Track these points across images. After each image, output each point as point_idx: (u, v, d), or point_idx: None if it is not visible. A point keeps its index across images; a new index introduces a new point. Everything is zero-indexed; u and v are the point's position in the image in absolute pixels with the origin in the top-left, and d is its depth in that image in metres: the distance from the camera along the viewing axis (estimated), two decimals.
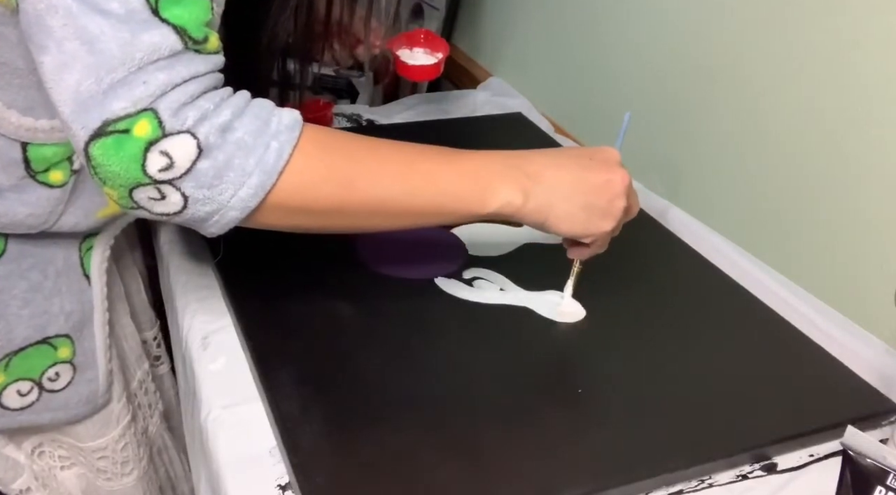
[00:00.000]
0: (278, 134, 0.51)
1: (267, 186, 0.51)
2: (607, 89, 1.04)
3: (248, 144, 0.50)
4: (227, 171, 0.50)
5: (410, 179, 0.57)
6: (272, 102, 0.54)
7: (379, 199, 0.56)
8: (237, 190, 0.50)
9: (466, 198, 0.58)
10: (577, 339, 0.68)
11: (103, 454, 0.77)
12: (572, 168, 0.61)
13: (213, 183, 0.50)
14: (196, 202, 0.50)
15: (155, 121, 0.47)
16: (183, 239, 0.80)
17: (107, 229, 0.71)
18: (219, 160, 0.49)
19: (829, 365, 0.68)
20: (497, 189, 0.59)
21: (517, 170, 0.60)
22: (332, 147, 0.56)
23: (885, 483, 0.52)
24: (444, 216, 0.59)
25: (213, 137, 0.49)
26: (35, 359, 0.68)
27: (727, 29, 0.84)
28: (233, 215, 0.52)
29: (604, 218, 0.61)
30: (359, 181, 0.55)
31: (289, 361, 0.63)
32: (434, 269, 0.74)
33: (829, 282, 0.76)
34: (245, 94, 0.53)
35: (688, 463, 0.57)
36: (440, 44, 0.94)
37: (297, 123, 0.53)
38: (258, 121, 0.51)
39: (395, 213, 0.58)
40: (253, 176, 0.50)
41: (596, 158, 0.63)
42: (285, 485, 0.55)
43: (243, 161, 0.50)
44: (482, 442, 0.57)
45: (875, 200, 0.71)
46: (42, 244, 0.66)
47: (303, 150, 0.52)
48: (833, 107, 0.73)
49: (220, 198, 0.50)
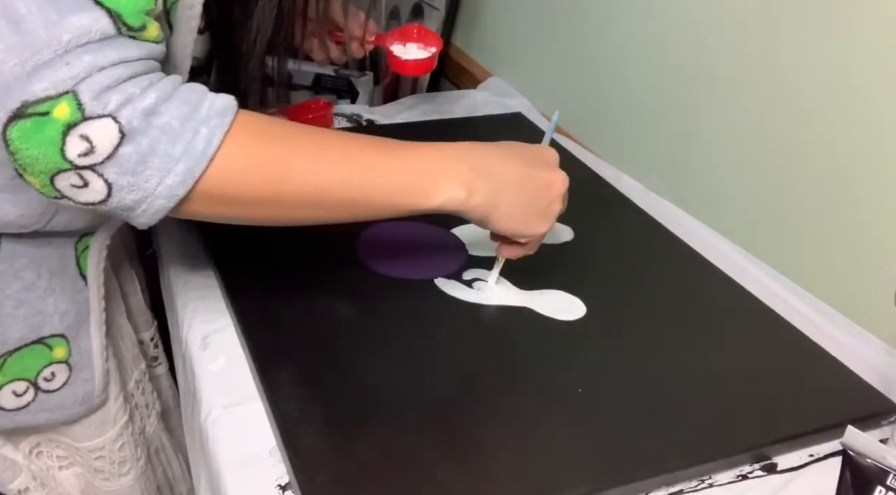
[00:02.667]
0: (208, 119, 0.50)
1: (195, 174, 0.49)
2: (607, 89, 1.04)
3: (175, 129, 0.48)
4: (151, 157, 0.48)
5: (349, 170, 0.55)
6: (205, 87, 0.52)
7: (315, 190, 0.55)
8: (163, 177, 0.49)
9: (409, 192, 0.57)
10: (577, 339, 0.68)
11: (100, 454, 0.77)
12: (518, 165, 0.60)
13: (137, 169, 0.48)
14: (121, 189, 0.49)
15: (74, 103, 0.46)
16: (183, 239, 0.80)
17: (102, 228, 0.70)
18: (142, 145, 0.48)
19: (829, 365, 0.68)
20: (442, 184, 0.57)
21: (463, 165, 0.58)
22: (266, 134, 0.54)
23: (885, 483, 0.52)
24: (385, 209, 0.58)
25: (137, 121, 0.47)
26: (30, 359, 0.68)
27: (727, 29, 0.84)
28: (160, 204, 0.50)
29: (542, 219, 0.61)
30: (294, 170, 0.54)
31: (289, 361, 0.63)
32: (434, 269, 0.74)
33: (829, 282, 0.76)
34: (176, 78, 0.51)
35: (688, 463, 0.57)
36: (433, 38, 0.94)
37: (229, 108, 0.51)
38: (187, 105, 0.49)
39: (332, 205, 0.56)
40: (180, 162, 0.49)
41: (537, 158, 0.62)
42: (285, 485, 0.55)
43: (169, 147, 0.48)
44: (482, 442, 0.57)
45: (875, 200, 0.71)
46: (36, 244, 0.65)
47: (235, 137, 0.51)
48: (833, 107, 0.73)
49: (145, 186, 0.49)
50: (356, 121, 1.11)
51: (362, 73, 1.26)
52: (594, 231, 0.84)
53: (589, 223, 0.85)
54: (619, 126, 1.03)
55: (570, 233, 0.83)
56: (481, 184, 0.58)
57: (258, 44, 0.67)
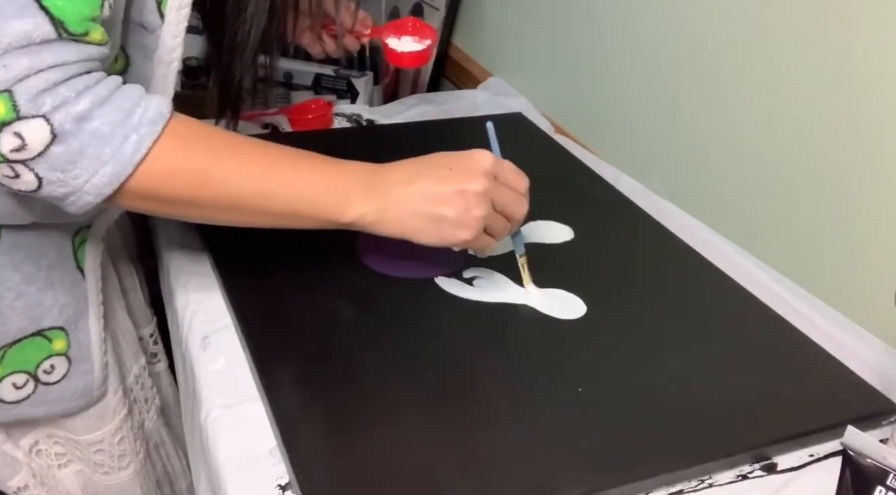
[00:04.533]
0: (139, 126, 0.53)
1: (122, 177, 0.53)
2: (607, 89, 1.04)
3: (105, 135, 0.51)
4: (80, 158, 0.51)
5: (267, 182, 0.59)
6: (143, 90, 0.55)
7: (233, 198, 0.58)
8: (91, 176, 0.52)
9: (322, 207, 0.60)
10: (577, 339, 0.68)
11: (100, 447, 0.77)
12: (425, 181, 0.62)
13: (67, 168, 0.51)
14: (50, 183, 0.52)
15: (10, 103, 0.48)
16: (183, 239, 0.80)
17: (98, 221, 0.71)
18: (73, 147, 0.50)
19: (829, 365, 0.68)
20: (352, 202, 0.61)
21: (371, 187, 0.61)
22: (193, 142, 0.57)
23: (885, 483, 0.52)
24: (300, 220, 0.61)
25: (69, 125, 0.50)
26: (30, 351, 0.68)
27: (727, 29, 0.84)
28: (88, 199, 0.53)
29: (458, 227, 0.62)
30: (212, 178, 0.57)
31: (289, 361, 0.63)
32: (434, 269, 0.74)
33: (829, 282, 0.76)
34: (113, 81, 0.53)
35: (688, 463, 0.57)
36: (428, 31, 0.94)
37: (161, 116, 0.54)
38: (120, 112, 0.52)
39: (249, 212, 0.60)
40: (107, 165, 0.52)
41: (457, 167, 0.63)
42: (285, 485, 0.55)
43: (98, 150, 0.51)
44: (482, 442, 0.58)
45: (875, 200, 0.71)
46: (34, 236, 0.66)
47: (162, 144, 0.54)
48: (833, 106, 0.73)
49: (74, 182, 0.52)
50: (356, 121, 1.11)
51: (362, 73, 1.27)
52: (594, 231, 0.84)
53: (589, 223, 0.85)
54: (619, 126, 1.03)
55: (570, 233, 0.83)
56: (386, 205, 0.61)
57: (251, 36, 0.68)
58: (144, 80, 0.61)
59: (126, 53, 0.62)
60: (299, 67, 1.24)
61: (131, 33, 0.61)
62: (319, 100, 1.14)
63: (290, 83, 1.26)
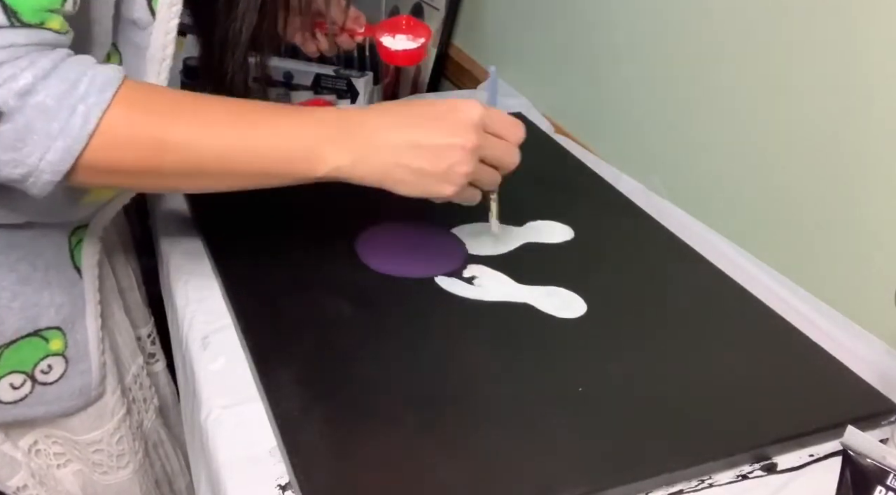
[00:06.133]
0: (86, 96, 0.51)
1: (75, 151, 0.51)
2: (607, 89, 1.04)
3: (51, 108, 0.50)
4: (29, 135, 0.50)
5: (227, 141, 0.56)
6: (93, 60, 0.53)
7: (194, 163, 0.55)
8: (44, 153, 0.50)
9: (293, 162, 0.57)
10: (577, 338, 0.68)
11: (98, 447, 0.77)
12: (411, 129, 0.59)
13: (17, 146, 0.50)
14: (5, 165, 0.50)
15: None
16: (183, 239, 0.80)
17: (95, 220, 0.71)
18: (19, 123, 0.49)
19: (829, 365, 0.68)
20: (326, 153, 0.57)
21: (348, 134, 0.58)
22: (146, 108, 0.54)
23: (885, 483, 0.52)
24: (270, 178, 0.58)
25: (13, 101, 0.49)
26: (27, 351, 0.68)
27: (727, 29, 0.84)
28: (46, 178, 0.52)
29: (441, 182, 0.59)
30: (171, 143, 0.54)
31: (289, 361, 0.63)
32: (434, 268, 0.74)
33: (829, 282, 0.76)
34: (58, 54, 0.51)
35: (688, 463, 0.57)
36: (422, 29, 0.94)
37: (109, 84, 0.52)
38: (65, 83, 0.50)
39: (216, 176, 0.57)
40: (58, 140, 0.50)
41: (446, 118, 0.60)
42: (285, 485, 0.55)
43: (46, 125, 0.50)
44: (482, 441, 0.57)
45: (875, 200, 0.71)
46: (30, 236, 0.66)
47: (113, 113, 0.51)
48: (833, 106, 0.73)
49: (28, 161, 0.50)
50: None
51: (362, 73, 1.26)
52: (594, 231, 0.84)
53: (589, 223, 0.85)
54: (619, 126, 1.03)
55: (570, 233, 0.83)
56: (365, 152, 0.58)
57: (243, 34, 0.68)
58: (138, 77, 0.60)
59: (118, 50, 0.62)
60: (299, 67, 1.24)
61: (123, 30, 0.60)
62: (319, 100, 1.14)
63: (290, 83, 1.25)
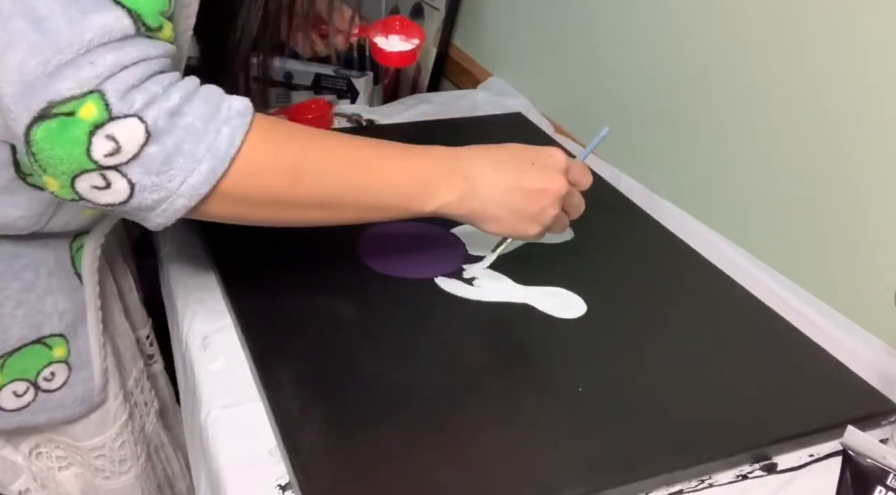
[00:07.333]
0: (229, 119, 0.51)
1: (218, 173, 0.50)
2: (608, 89, 1.04)
3: (199, 129, 0.49)
4: (176, 157, 0.49)
5: (357, 174, 0.58)
6: (221, 89, 0.53)
7: (324, 192, 0.57)
8: (187, 176, 0.49)
9: (408, 197, 0.60)
10: (577, 338, 0.68)
11: (101, 453, 0.77)
12: (511, 172, 0.62)
13: (162, 169, 0.49)
14: (143, 189, 0.49)
15: (101, 103, 0.46)
16: (183, 239, 0.80)
17: (96, 228, 0.70)
18: (168, 145, 0.48)
19: (829, 365, 0.68)
20: (437, 190, 0.60)
21: (457, 173, 0.61)
22: (280, 136, 0.55)
23: (885, 483, 0.52)
24: (385, 212, 0.60)
25: (163, 122, 0.48)
26: (30, 359, 0.68)
27: (727, 29, 0.84)
28: (181, 203, 0.51)
29: (532, 223, 0.63)
30: (306, 172, 0.55)
31: (289, 361, 0.63)
32: (434, 269, 0.74)
33: (829, 282, 0.76)
34: (194, 79, 0.52)
35: (688, 463, 0.57)
36: (416, 30, 0.95)
37: (247, 110, 0.53)
38: (208, 105, 0.50)
39: (338, 206, 0.58)
40: (203, 162, 0.49)
41: (538, 163, 0.63)
42: (285, 485, 0.55)
43: (193, 146, 0.49)
44: (482, 441, 0.57)
45: (875, 200, 0.71)
46: (33, 244, 0.65)
47: (252, 140, 0.52)
48: (833, 106, 0.73)
49: (168, 185, 0.49)
50: (356, 121, 1.11)
51: (362, 73, 1.27)
52: (594, 231, 0.84)
53: (589, 223, 0.84)
54: (619, 126, 1.02)
55: (570, 233, 0.83)
56: (471, 192, 0.61)
57: (243, 41, 0.68)
58: None
59: None
60: (299, 67, 1.24)
61: None
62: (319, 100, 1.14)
63: (290, 83, 1.26)
